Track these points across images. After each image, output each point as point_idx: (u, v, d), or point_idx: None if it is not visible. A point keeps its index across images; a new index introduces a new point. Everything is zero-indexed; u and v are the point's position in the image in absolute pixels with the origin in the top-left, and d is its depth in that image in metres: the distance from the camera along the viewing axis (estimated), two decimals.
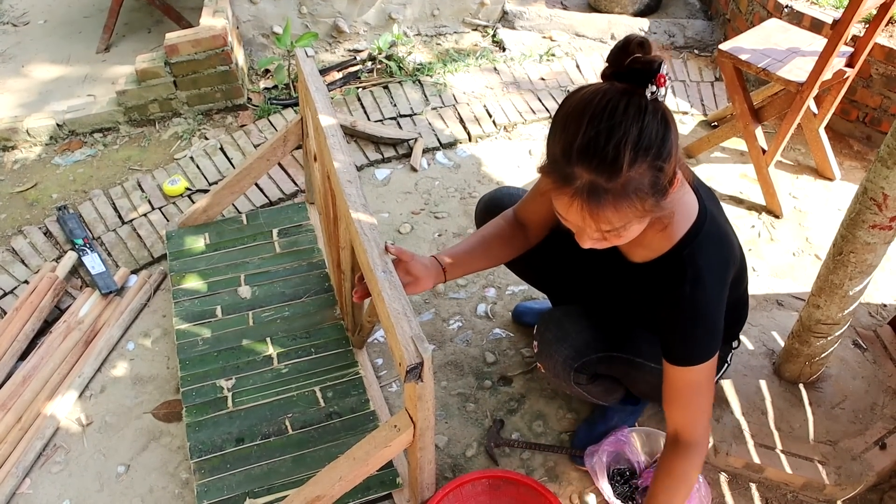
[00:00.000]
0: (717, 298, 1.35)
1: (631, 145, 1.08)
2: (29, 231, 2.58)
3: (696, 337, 1.35)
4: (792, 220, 2.66)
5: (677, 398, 1.42)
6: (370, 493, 1.76)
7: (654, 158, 1.11)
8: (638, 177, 1.11)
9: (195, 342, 2.10)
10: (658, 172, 1.12)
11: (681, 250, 1.33)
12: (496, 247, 1.66)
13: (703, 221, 1.34)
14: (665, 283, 1.34)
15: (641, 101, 1.10)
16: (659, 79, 1.10)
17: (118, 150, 2.98)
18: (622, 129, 1.09)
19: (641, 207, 1.15)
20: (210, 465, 1.81)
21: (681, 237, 1.32)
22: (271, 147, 2.32)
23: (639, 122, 1.09)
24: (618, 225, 1.17)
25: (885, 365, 2.00)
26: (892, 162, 1.41)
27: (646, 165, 1.11)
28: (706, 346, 1.36)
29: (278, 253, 2.39)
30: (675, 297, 1.33)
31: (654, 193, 1.14)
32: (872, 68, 2.83)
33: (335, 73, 3.38)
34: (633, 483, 1.79)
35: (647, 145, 1.10)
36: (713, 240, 1.35)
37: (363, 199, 1.63)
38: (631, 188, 1.11)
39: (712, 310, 1.35)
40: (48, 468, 1.91)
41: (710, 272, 1.33)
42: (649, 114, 1.10)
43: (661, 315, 1.38)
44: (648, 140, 1.10)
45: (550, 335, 1.61)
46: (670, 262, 1.34)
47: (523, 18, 3.68)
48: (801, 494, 1.80)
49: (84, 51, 3.54)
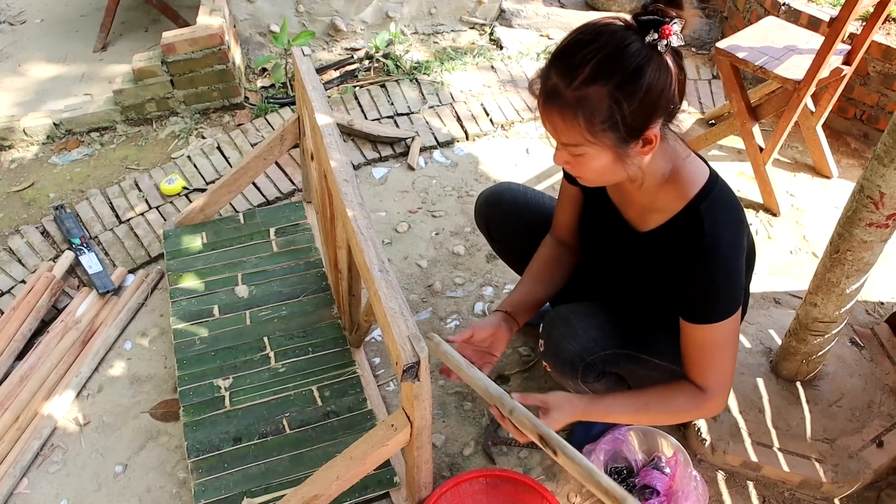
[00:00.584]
0: (737, 253, 1.33)
1: (595, 62, 1.13)
2: (26, 230, 2.57)
3: (718, 291, 1.32)
4: (789, 218, 2.66)
5: (700, 360, 1.40)
6: (367, 492, 1.76)
7: (616, 88, 1.13)
8: (594, 97, 1.15)
9: (192, 341, 2.10)
10: (615, 104, 1.14)
11: (696, 204, 1.32)
12: (548, 273, 1.70)
13: (716, 181, 1.33)
14: (682, 241, 1.33)
15: (632, 38, 1.13)
16: (663, 29, 1.12)
17: (115, 150, 2.97)
18: (596, 47, 1.14)
19: (591, 132, 1.18)
20: (207, 464, 1.81)
21: (695, 194, 1.32)
22: (268, 146, 2.32)
23: (616, 50, 1.13)
24: (569, 140, 1.21)
25: (882, 363, 2.00)
26: (888, 160, 1.42)
27: (605, 90, 1.14)
28: (729, 301, 1.34)
29: (275, 252, 2.39)
30: (694, 249, 1.31)
31: (611, 127, 1.17)
32: (870, 66, 2.83)
33: (332, 71, 3.37)
34: (630, 481, 1.79)
35: (612, 71, 1.13)
36: (727, 199, 1.34)
37: (360, 198, 1.63)
38: (583, 104, 1.15)
39: (733, 263, 1.32)
40: (46, 468, 1.91)
41: (727, 227, 1.31)
42: (634, 51, 1.13)
43: (677, 276, 1.35)
44: (616, 68, 1.13)
45: (557, 333, 1.59)
46: (686, 218, 1.33)
47: (520, 16, 3.68)
48: (798, 492, 1.80)
49: (81, 50, 3.53)
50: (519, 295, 1.67)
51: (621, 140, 1.20)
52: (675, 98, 1.20)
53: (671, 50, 1.16)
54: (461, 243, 2.53)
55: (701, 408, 1.43)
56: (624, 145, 1.21)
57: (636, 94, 1.14)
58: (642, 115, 1.17)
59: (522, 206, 1.82)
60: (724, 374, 1.41)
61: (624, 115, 1.16)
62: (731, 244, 1.32)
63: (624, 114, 1.15)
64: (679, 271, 1.35)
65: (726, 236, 1.31)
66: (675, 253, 1.34)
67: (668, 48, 1.14)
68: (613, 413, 1.48)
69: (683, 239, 1.33)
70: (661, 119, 1.21)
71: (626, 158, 1.24)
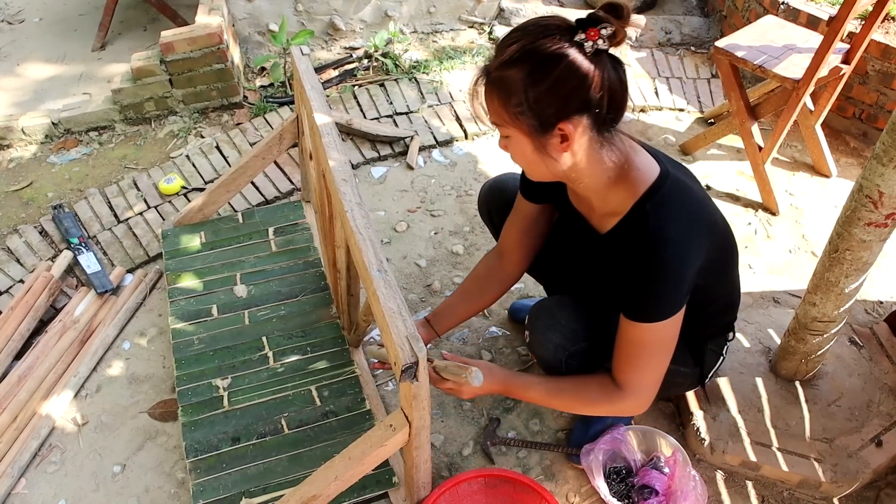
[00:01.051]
0: (683, 255, 1.33)
1: (517, 46, 1.21)
2: (24, 230, 2.57)
3: (657, 291, 1.34)
4: (788, 217, 2.66)
5: (625, 357, 1.42)
6: (366, 492, 1.76)
7: (528, 73, 1.20)
8: (510, 77, 1.22)
9: (191, 341, 2.10)
10: (525, 89, 1.21)
11: (643, 203, 1.33)
12: (476, 290, 1.83)
13: (666, 177, 1.34)
14: (630, 240, 1.35)
15: (560, 33, 1.19)
16: (590, 31, 1.18)
17: (114, 149, 2.97)
18: (525, 34, 1.22)
19: (507, 112, 1.26)
20: (206, 464, 1.81)
21: (642, 194, 1.34)
22: (267, 145, 2.32)
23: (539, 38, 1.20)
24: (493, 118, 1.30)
25: (881, 362, 2.00)
26: (887, 159, 1.41)
27: (520, 74, 1.21)
28: (666, 303, 1.35)
29: (274, 251, 2.38)
30: (638, 248, 1.33)
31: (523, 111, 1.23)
32: (868, 65, 2.83)
33: (331, 70, 3.37)
34: (629, 481, 1.79)
35: (529, 57, 1.20)
36: (678, 195, 1.34)
37: (359, 198, 1.63)
38: (502, 84, 1.24)
39: (676, 265, 1.32)
40: (44, 468, 1.90)
41: (674, 226, 1.31)
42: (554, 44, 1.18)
43: (625, 274, 1.36)
44: (533, 55, 1.20)
45: (541, 324, 1.63)
46: (633, 218, 1.35)
47: (520, 15, 3.67)
48: (797, 492, 1.80)
49: (79, 49, 3.53)
50: (444, 307, 1.82)
51: (535, 128, 1.25)
52: (601, 102, 1.22)
53: (606, 55, 1.20)
54: (460, 243, 2.53)
55: (614, 403, 1.46)
56: (539, 135, 1.26)
57: (544, 82, 1.20)
58: (552, 106, 1.22)
59: None
60: (646, 377, 1.43)
61: (531, 100, 1.22)
62: (679, 242, 1.32)
63: (531, 99, 1.22)
64: (626, 269, 1.36)
65: (672, 233, 1.31)
66: (625, 252, 1.36)
67: (593, 49, 1.18)
68: (530, 391, 1.56)
69: (631, 238, 1.35)
70: (582, 118, 1.23)
71: (545, 151, 1.28)
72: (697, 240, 1.34)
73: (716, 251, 1.43)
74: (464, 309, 1.83)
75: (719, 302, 1.62)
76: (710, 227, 1.40)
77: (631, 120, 3.13)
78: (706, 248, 1.37)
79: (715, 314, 1.66)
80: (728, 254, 1.53)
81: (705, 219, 1.39)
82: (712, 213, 1.43)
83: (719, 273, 1.52)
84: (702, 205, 1.39)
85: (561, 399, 1.54)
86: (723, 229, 1.48)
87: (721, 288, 1.59)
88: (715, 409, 1.88)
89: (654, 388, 1.45)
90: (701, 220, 1.37)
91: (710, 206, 1.43)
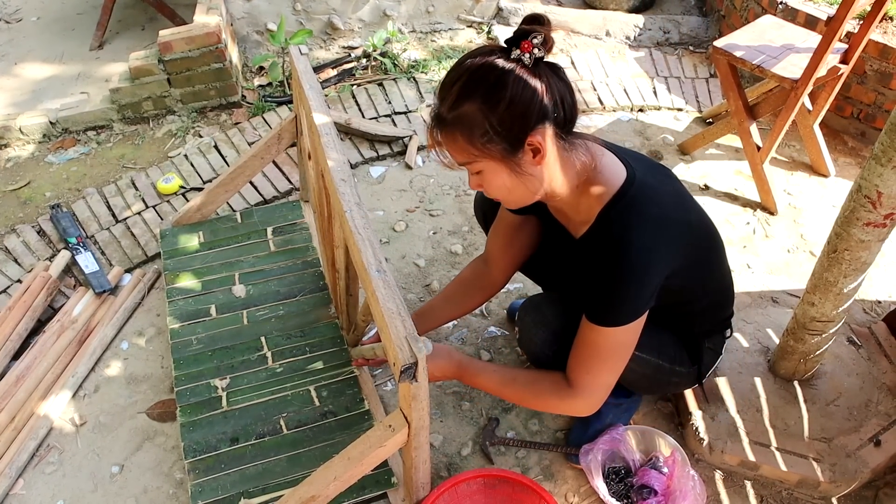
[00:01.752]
0: (646, 261, 1.34)
1: (462, 82, 1.23)
2: (22, 230, 2.57)
3: (616, 297, 1.36)
4: (787, 216, 2.66)
5: (579, 357, 1.45)
6: (365, 492, 1.75)
7: (482, 101, 1.22)
8: (466, 113, 1.23)
9: (189, 341, 2.10)
10: (485, 115, 1.22)
11: (608, 210, 1.36)
12: (460, 294, 1.86)
13: (632, 183, 1.36)
14: (598, 246, 1.37)
15: (496, 56, 1.22)
16: (523, 44, 1.20)
17: (112, 148, 2.96)
18: (463, 69, 1.24)
19: (473, 146, 1.26)
20: (204, 464, 1.80)
21: (609, 199, 1.36)
22: (265, 145, 2.31)
23: (479, 67, 1.22)
24: (461, 159, 1.30)
25: (879, 362, 2.01)
26: (885, 159, 1.41)
27: (475, 105, 1.23)
28: (626, 309, 1.37)
29: (273, 251, 2.38)
30: (603, 254, 1.35)
31: (490, 139, 1.24)
32: (867, 65, 2.83)
33: (330, 70, 3.37)
34: (628, 481, 1.79)
35: (476, 86, 1.22)
36: (642, 201, 1.36)
37: (357, 198, 1.63)
38: (459, 122, 1.25)
39: (638, 272, 1.34)
40: (42, 468, 1.90)
41: (636, 232, 1.33)
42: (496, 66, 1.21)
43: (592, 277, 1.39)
44: (480, 83, 1.22)
45: (529, 320, 1.65)
46: (600, 225, 1.38)
47: (518, 15, 3.67)
48: (796, 492, 1.80)
49: (77, 48, 3.52)
50: (425, 309, 1.86)
51: (507, 151, 1.26)
52: (557, 107, 1.25)
53: (544, 63, 1.23)
54: (459, 242, 2.53)
55: (564, 401, 1.48)
56: (512, 155, 1.27)
57: (501, 103, 1.21)
58: (516, 123, 1.23)
59: None
60: (598, 379, 1.45)
61: (494, 124, 1.23)
62: (642, 247, 1.33)
63: (494, 123, 1.23)
64: (593, 274, 1.38)
65: (636, 239, 1.32)
66: (593, 257, 1.38)
67: (532, 60, 1.21)
68: (482, 377, 1.58)
69: (598, 244, 1.37)
70: (545, 127, 1.25)
71: (522, 170, 1.29)
72: (664, 245, 1.36)
73: (693, 251, 1.44)
74: (446, 312, 1.87)
75: (709, 298, 1.63)
76: (681, 230, 1.41)
77: (629, 120, 3.13)
78: (678, 250, 1.39)
79: (707, 311, 1.66)
80: (708, 252, 1.54)
81: (674, 222, 1.39)
82: (685, 213, 1.44)
83: (702, 271, 1.53)
84: (671, 207, 1.40)
85: (512, 389, 1.55)
86: (699, 228, 1.48)
87: (709, 284, 1.59)
88: (714, 408, 1.88)
89: (605, 391, 1.47)
90: (669, 224, 1.38)
91: (682, 206, 1.44)
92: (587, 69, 3.37)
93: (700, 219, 1.49)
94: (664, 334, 1.63)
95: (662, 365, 1.65)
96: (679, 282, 1.43)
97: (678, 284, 1.44)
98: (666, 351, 1.64)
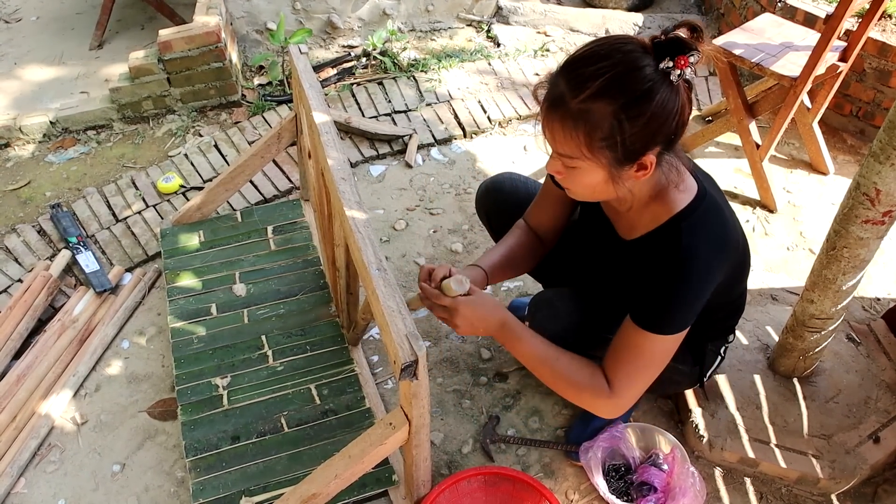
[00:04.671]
0: (706, 274, 1.33)
1: (606, 78, 1.13)
2: (22, 229, 2.57)
3: (673, 305, 1.33)
4: (786, 214, 2.66)
5: (621, 359, 1.39)
6: (366, 490, 1.76)
7: (622, 108, 1.14)
8: (597, 112, 1.15)
9: (190, 340, 2.10)
10: (618, 124, 1.15)
11: (679, 221, 1.33)
12: (520, 255, 1.71)
13: (703, 199, 1.34)
14: (660, 253, 1.34)
15: (647, 62, 1.13)
16: (678, 59, 1.12)
17: (112, 148, 2.97)
18: (610, 63, 1.14)
19: (589, 147, 1.19)
20: (205, 463, 1.81)
21: (681, 209, 1.33)
22: (265, 144, 2.32)
23: (629, 70, 1.13)
24: (565, 151, 1.22)
25: (878, 359, 2.01)
26: (884, 157, 1.42)
27: (610, 108, 1.14)
28: (678, 318, 1.35)
29: (273, 250, 2.38)
30: (665, 262, 1.32)
31: (609, 146, 1.17)
32: (866, 62, 2.83)
33: (329, 69, 3.37)
34: (628, 479, 1.80)
35: (620, 91, 1.13)
36: (712, 218, 1.35)
37: (357, 196, 1.63)
38: (585, 117, 1.16)
39: (698, 284, 1.33)
40: (43, 467, 1.90)
41: (705, 246, 1.32)
42: (646, 75, 1.13)
43: (647, 282, 1.35)
44: (626, 90, 1.13)
45: (541, 315, 1.62)
46: (668, 232, 1.34)
47: (518, 14, 3.67)
48: (795, 488, 1.81)
49: (77, 48, 3.52)
50: (495, 258, 1.67)
51: (617, 161, 1.21)
52: (678, 129, 1.21)
53: (683, 81, 1.16)
54: (459, 241, 2.53)
55: (599, 396, 1.40)
56: (619, 166, 1.22)
57: (640, 119, 1.15)
58: (642, 140, 1.18)
59: (522, 195, 1.83)
60: (635, 385, 1.40)
61: (624, 136, 1.16)
62: (705, 263, 1.32)
63: (625, 135, 1.16)
64: (648, 278, 1.35)
65: (702, 254, 1.32)
66: (651, 261, 1.35)
67: (680, 80, 1.14)
68: (525, 345, 1.45)
69: (661, 250, 1.35)
70: (660, 146, 1.22)
71: (619, 180, 1.25)
72: (722, 263, 1.36)
73: (732, 270, 1.44)
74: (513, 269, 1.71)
75: (727, 309, 1.63)
76: (734, 252, 1.41)
77: None
78: (727, 269, 1.39)
79: (721, 320, 1.66)
80: (742, 269, 1.54)
81: (732, 242, 1.39)
82: (738, 234, 1.44)
83: (730, 286, 1.52)
84: (730, 227, 1.40)
85: (550, 369, 1.43)
86: (742, 248, 1.48)
87: (730, 296, 1.59)
88: (713, 406, 1.89)
89: (636, 396, 1.42)
90: (729, 244, 1.38)
91: (737, 227, 1.44)
92: None
93: (744, 237, 1.49)
94: None
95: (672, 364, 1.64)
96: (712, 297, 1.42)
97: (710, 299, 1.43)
98: None
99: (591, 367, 1.43)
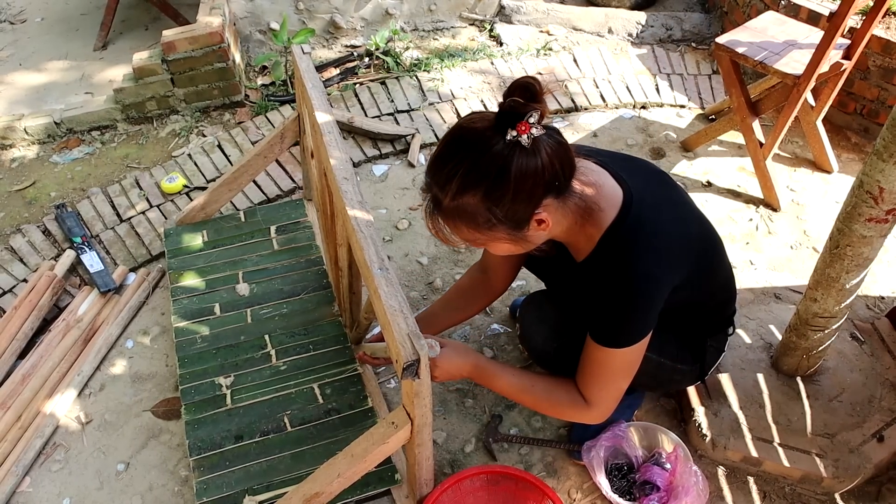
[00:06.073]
0: (650, 288, 1.34)
1: (461, 174, 1.18)
2: (27, 229, 2.58)
3: (622, 322, 1.37)
4: (789, 212, 2.66)
5: (590, 375, 1.46)
6: (369, 489, 1.76)
7: (485, 195, 1.19)
8: (468, 205, 1.21)
9: (194, 340, 2.11)
10: (489, 208, 1.20)
11: (609, 238, 1.35)
12: (461, 301, 1.85)
13: (629, 207, 1.35)
14: (603, 271, 1.37)
15: (494, 140, 1.15)
16: (519, 126, 1.13)
17: (116, 148, 2.98)
18: (461, 156, 1.18)
19: (479, 231, 1.25)
20: (209, 462, 1.81)
21: (608, 226, 1.35)
22: (269, 144, 2.32)
23: (479, 156, 1.16)
24: (462, 238, 1.29)
25: (882, 357, 2.00)
26: (887, 155, 1.41)
27: (476, 198, 1.19)
28: (634, 330, 1.38)
29: (276, 250, 2.39)
30: (608, 279, 1.35)
31: (496, 224, 1.23)
32: (869, 60, 2.82)
33: (332, 68, 3.37)
34: (630, 478, 1.80)
35: (479, 180, 1.18)
36: (641, 227, 1.35)
37: (360, 196, 1.64)
38: (460, 213, 1.23)
39: (642, 299, 1.35)
40: (48, 466, 1.91)
41: (638, 259, 1.33)
42: (495, 155, 1.15)
43: (597, 301, 1.39)
44: (482, 176, 1.17)
45: (531, 317, 1.67)
46: (603, 251, 1.37)
47: (520, 13, 3.67)
48: (799, 487, 1.80)
49: (81, 48, 3.54)
50: (426, 314, 1.86)
51: (512, 229, 1.25)
52: (558, 175, 1.21)
53: (536, 138, 1.16)
54: None
55: (579, 412, 1.49)
56: (517, 231, 1.26)
57: (506, 195, 1.18)
58: (522, 208, 1.22)
59: None
60: (608, 394, 1.47)
61: (503, 213, 1.21)
62: (644, 272, 1.33)
63: (503, 212, 1.21)
64: (598, 296, 1.38)
65: (639, 264, 1.33)
66: (598, 280, 1.38)
67: (530, 141, 1.15)
68: (500, 380, 1.55)
69: (603, 268, 1.37)
70: (549, 199, 1.24)
71: (527, 238, 1.30)
72: (666, 267, 1.36)
73: (696, 262, 1.43)
74: (446, 319, 1.87)
75: (716, 298, 1.63)
76: (682, 246, 1.40)
77: (632, 117, 3.13)
78: (681, 267, 1.39)
79: (714, 310, 1.66)
80: (710, 258, 1.53)
81: (675, 240, 1.39)
82: (684, 226, 1.43)
83: (707, 277, 1.53)
84: (670, 223, 1.39)
85: (530, 396, 1.54)
86: (701, 239, 1.48)
87: (714, 284, 1.59)
88: (716, 405, 1.89)
89: (615, 402, 1.49)
90: (669, 244, 1.38)
91: (682, 219, 1.44)
92: (589, 66, 3.37)
93: (700, 227, 1.49)
94: (666, 333, 1.63)
95: (664, 363, 1.65)
96: (686, 293, 1.44)
97: (685, 295, 1.44)
98: (667, 349, 1.64)
99: (566, 385, 1.51)
